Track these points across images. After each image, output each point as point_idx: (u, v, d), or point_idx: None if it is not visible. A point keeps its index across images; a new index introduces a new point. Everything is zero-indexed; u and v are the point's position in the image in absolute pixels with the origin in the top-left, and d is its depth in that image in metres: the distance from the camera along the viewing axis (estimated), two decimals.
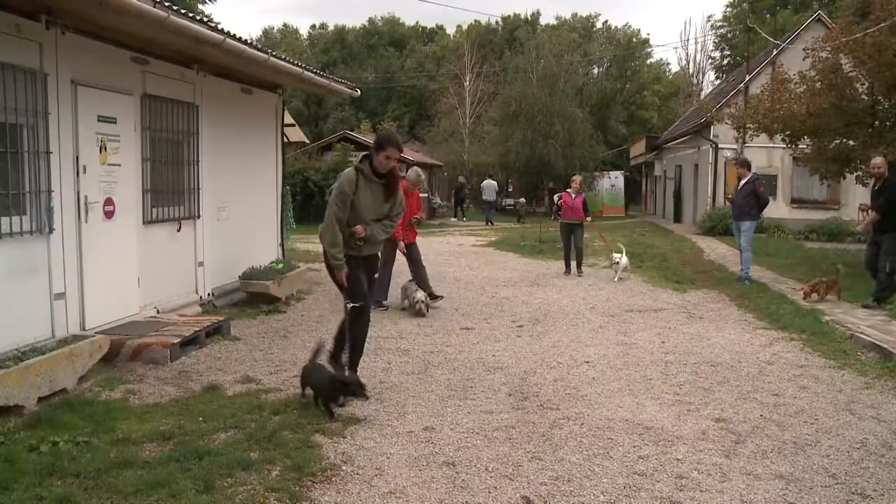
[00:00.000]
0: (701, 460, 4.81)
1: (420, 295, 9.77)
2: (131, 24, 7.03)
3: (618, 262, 13.60)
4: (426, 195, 33.02)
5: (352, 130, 37.00)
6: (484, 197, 33.94)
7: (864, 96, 14.53)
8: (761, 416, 5.77)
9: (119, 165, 7.75)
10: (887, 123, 14.19)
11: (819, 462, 4.82)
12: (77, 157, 7.05)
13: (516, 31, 58.78)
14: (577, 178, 14.54)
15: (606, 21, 66.92)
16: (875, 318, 9.22)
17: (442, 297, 10.83)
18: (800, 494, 4.30)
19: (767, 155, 24.69)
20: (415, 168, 10.76)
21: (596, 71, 58.99)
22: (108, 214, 7.58)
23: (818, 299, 10.79)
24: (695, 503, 4.16)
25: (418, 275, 10.64)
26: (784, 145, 16.82)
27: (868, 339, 8.10)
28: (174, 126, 8.85)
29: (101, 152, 7.43)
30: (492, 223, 31.85)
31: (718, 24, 57.08)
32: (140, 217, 8.25)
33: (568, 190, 14.24)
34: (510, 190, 37.07)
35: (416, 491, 4.23)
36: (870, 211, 10.55)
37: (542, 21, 65.01)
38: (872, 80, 13.96)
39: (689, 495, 4.26)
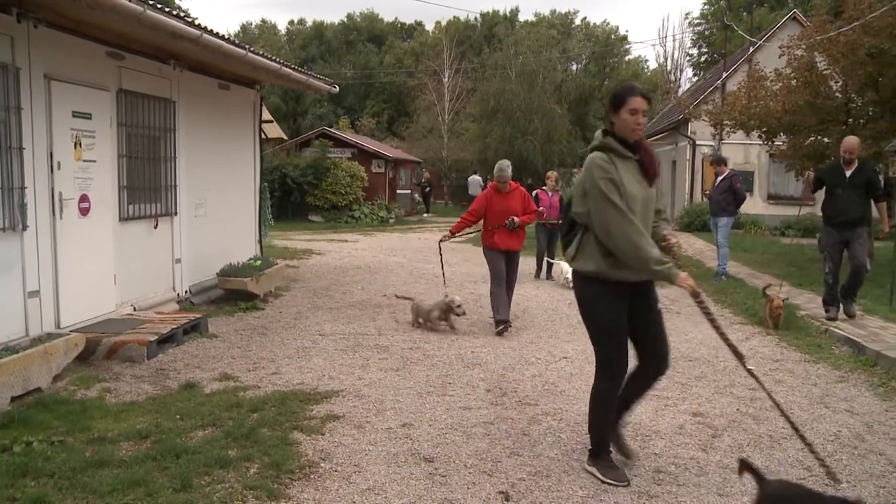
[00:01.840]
0: (678, 454, 4.85)
1: (458, 298, 8.73)
2: (106, 19, 6.97)
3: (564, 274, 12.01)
4: (407, 191, 33.03)
5: (330, 127, 36.81)
6: (470, 192, 34.04)
7: (837, 94, 14.70)
8: (738, 410, 5.82)
9: (94, 162, 7.67)
10: (860, 121, 14.36)
11: (794, 455, 4.87)
12: (51, 153, 6.96)
13: (495, 28, 58.70)
14: (553, 174, 13.67)
15: (585, 18, 67.46)
16: None
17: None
18: None
19: (744, 151, 24.87)
20: (499, 162, 9.13)
21: (574, 68, 59.03)
22: (84, 211, 7.50)
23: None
24: (672, 497, 4.18)
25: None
26: (760, 142, 16.99)
27: (842, 333, 8.19)
28: (151, 122, 8.78)
29: (75, 148, 7.35)
30: None
31: (696, 21, 57.43)
32: (116, 214, 8.17)
33: (544, 187, 13.34)
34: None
35: (394, 487, 4.23)
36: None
37: (521, 17, 65.10)
38: (846, 78, 14.14)
39: (667, 489, 4.29)
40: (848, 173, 8.88)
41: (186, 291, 9.71)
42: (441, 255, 10.18)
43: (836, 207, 8.94)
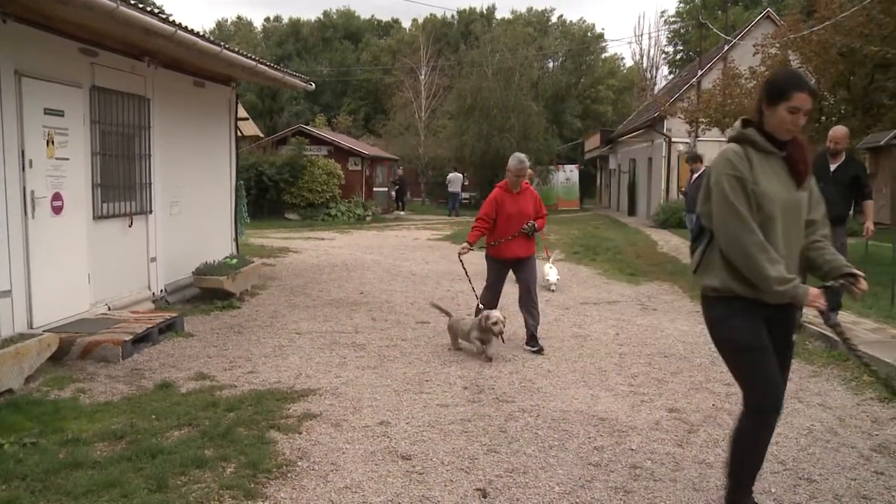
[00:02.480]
0: (655, 450, 4.88)
1: (496, 314, 7.22)
2: (79, 15, 6.89)
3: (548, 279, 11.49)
4: (384, 189, 32.98)
5: (307, 124, 36.69)
6: (450, 189, 34.12)
7: None
8: (713, 405, 5.87)
9: (67, 159, 7.58)
10: (833, 119, 14.52)
11: (768, 449, 4.90)
12: (23, 151, 6.87)
13: (472, 25, 58.78)
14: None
15: (561, 16, 67.85)
16: None
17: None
18: None
19: (719, 148, 24.88)
20: (516, 155, 8.35)
21: (551, 65, 59.28)
22: (57, 210, 7.41)
23: None
24: (648, 493, 4.21)
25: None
26: None
27: (815, 328, 8.28)
28: (125, 119, 8.69)
29: (48, 146, 7.26)
30: (457, 214, 32.69)
31: (671, 19, 58.03)
32: (90, 212, 8.09)
33: None
34: (466, 183, 37.27)
35: (372, 485, 4.22)
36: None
37: (498, 15, 65.37)
38: (818, 77, 14.30)
39: (643, 484, 4.31)
40: (833, 167, 8.40)
41: (162, 290, 9.63)
42: (465, 267, 8.47)
43: None
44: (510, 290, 8.46)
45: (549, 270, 11.67)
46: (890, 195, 9.63)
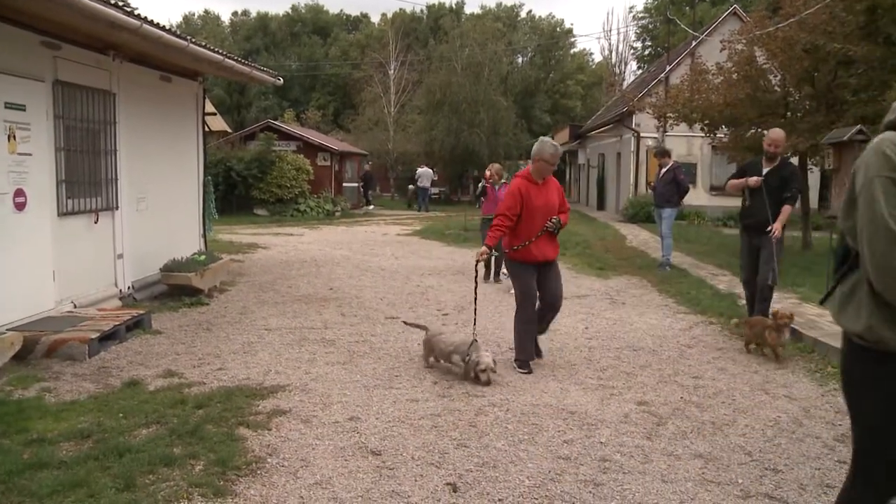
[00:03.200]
0: (623, 443, 4.93)
1: (486, 358, 6.22)
2: (40, 7, 6.78)
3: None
4: (354, 184, 32.84)
5: (275, 119, 36.47)
6: (420, 184, 34.09)
7: (776, 88, 15.06)
8: (681, 398, 5.94)
9: (30, 155, 7.45)
10: (798, 114, 14.74)
11: (736, 441, 4.99)
12: None
13: (441, 20, 58.69)
14: (496, 167, 12.26)
15: (530, 11, 68.03)
16: (787, 301, 9.55)
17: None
18: (717, 472, 4.44)
19: (687, 143, 25.31)
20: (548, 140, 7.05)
21: (520, 60, 59.42)
22: (19, 206, 7.29)
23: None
24: (618, 485, 4.25)
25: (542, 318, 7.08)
26: (703, 134, 17.30)
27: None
28: (90, 114, 8.57)
29: (9, 141, 7.13)
30: (426, 209, 32.78)
31: (640, 15, 58.35)
32: (55, 209, 7.96)
33: (491, 181, 12.04)
34: (435, 178, 37.30)
35: (342, 481, 4.22)
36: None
37: (467, 10, 65.18)
38: (784, 73, 14.50)
39: (613, 477, 4.35)
40: (765, 170, 7.89)
41: (129, 287, 9.52)
42: (476, 282, 7.08)
43: (747, 208, 8.01)
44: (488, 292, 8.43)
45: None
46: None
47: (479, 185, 12.49)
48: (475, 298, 6.97)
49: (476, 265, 7.01)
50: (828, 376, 6.55)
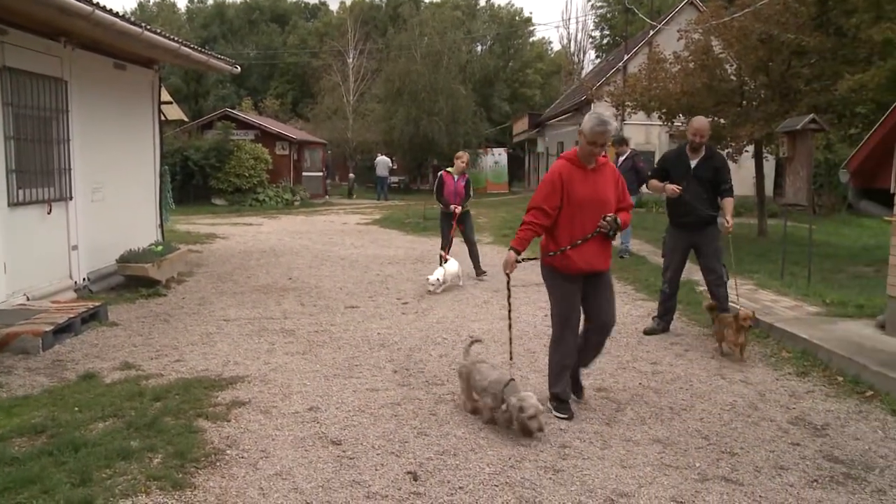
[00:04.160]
0: (583, 429, 4.98)
1: (532, 400, 4.75)
2: None
3: (438, 279, 10.04)
4: (313, 174, 32.61)
5: (233, 108, 36.09)
6: (378, 173, 34.00)
7: (732, 77, 15.30)
8: (640, 384, 6.02)
9: None
10: (753, 103, 14.98)
11: (693, 425, 5.08)
12: None
13: (400, 8, 58.26)
14: (464, 155, 11.33)
15: None
16: (743, 288, 9.70)
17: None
18: (675, 457, 4.52)
19: (645, 132, 25.60)
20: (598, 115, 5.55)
21: (479, 49, 59.35)
22: None
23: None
24: (577, 470, 4.30)
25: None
26: (661, 122, 17.49)
27: (737, 307, 8.52)
28: (40, 102, 8.38)
29: None
30: (385, 198, 32.79)
31: (598, 4, 58.59)
32: (5, 199, 7.78)
33: (449, 169, 11.20)
34: (394, 167, 37.21)
35: (302, 471, 4.21)
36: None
37: None
38: (740, 62, 14.71)
39: (572, 463, 4.41)
40: (693, 163, 7.36)
41: (84, 279, 9.36)
42: (509, 300, 5.54)
43: (682, 206, 7.43)
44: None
45: (438, 270, 10.24)
46: (806, 178, 9.96)
47: (438, 176, 11.36)
48: (510, 326, 5.56)
49: (507, 282, 5.39)
50: (782, 361, 6.69)
